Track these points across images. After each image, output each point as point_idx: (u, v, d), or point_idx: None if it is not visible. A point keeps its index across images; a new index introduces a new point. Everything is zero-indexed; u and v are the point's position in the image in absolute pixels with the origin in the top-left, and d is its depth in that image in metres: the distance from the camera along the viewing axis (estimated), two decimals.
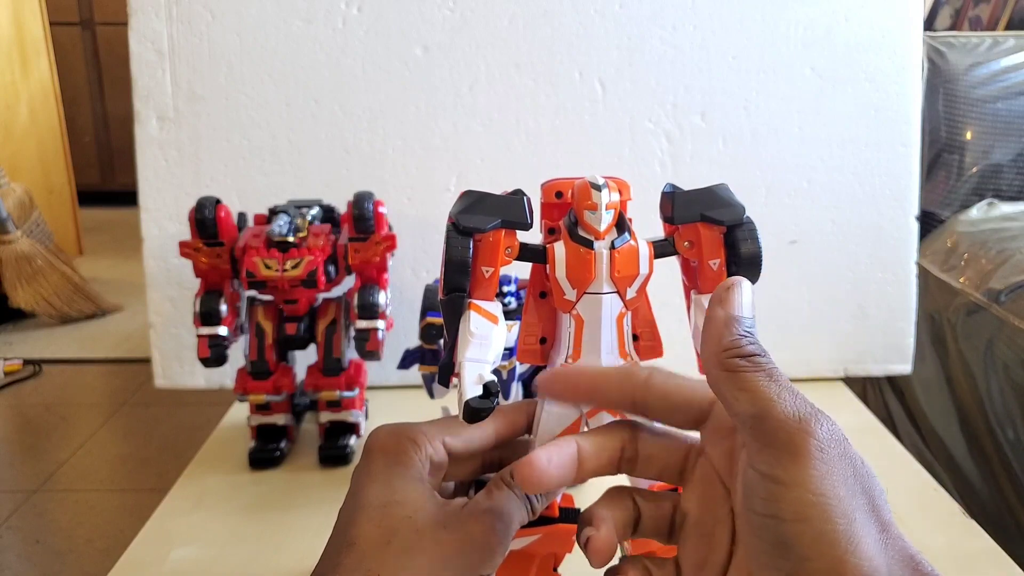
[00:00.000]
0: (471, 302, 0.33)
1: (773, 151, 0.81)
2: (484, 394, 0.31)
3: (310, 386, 0.67)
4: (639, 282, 0.33)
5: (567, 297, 0.33)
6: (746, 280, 0.30)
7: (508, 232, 0.33)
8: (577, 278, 0.33)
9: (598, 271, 0.33)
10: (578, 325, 0.34)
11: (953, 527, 0.59)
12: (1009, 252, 0.97)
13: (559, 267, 0.33)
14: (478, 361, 0.32)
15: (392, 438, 0.33)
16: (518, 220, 0.33)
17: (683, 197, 0.34)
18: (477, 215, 0.33)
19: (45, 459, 1.43)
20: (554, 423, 0.34)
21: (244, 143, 0.79)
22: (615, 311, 0.34)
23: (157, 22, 0.77)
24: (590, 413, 0.34)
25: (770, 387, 0.27)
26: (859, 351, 0.84)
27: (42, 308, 2.02)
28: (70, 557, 1.17)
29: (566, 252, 0.33)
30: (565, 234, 0.33)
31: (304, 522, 0.60)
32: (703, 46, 0.79)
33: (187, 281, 0.77)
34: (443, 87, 0.79)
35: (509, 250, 0.33)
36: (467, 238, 0.32)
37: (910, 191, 0.82)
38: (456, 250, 0.32)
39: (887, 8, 0.80)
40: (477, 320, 0.33)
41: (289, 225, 0.64)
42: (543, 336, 0.36)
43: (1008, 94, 1.16)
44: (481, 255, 0.33)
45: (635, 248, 0.33)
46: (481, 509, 0.32)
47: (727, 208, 0.34)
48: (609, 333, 0.34)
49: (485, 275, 0.33)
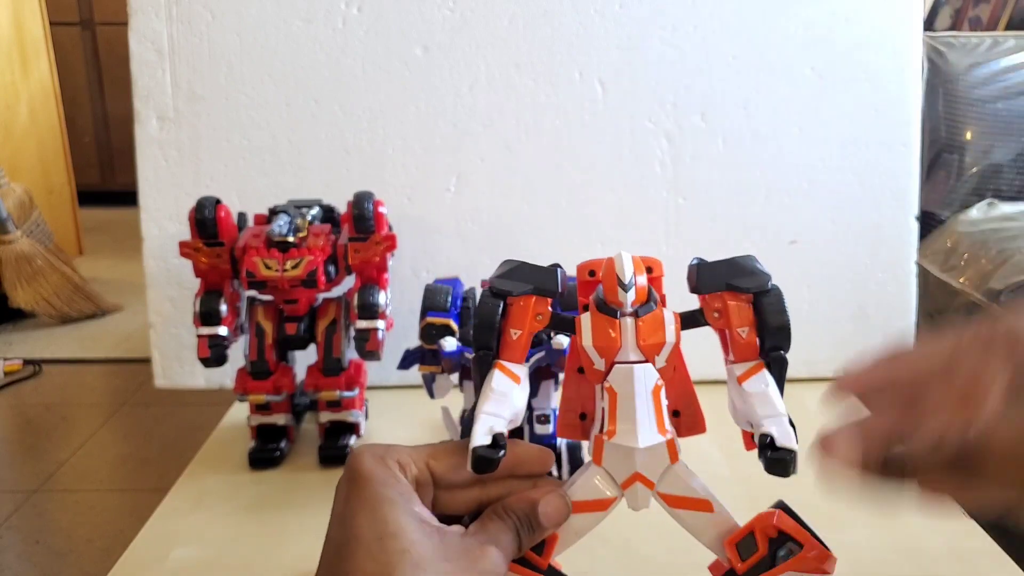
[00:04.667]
0: (498, 362, 0.35)
1: (773, 151, 0.81)
2: (492, 444, 0.32)
3: (310, 386, 0.67)
4: (666, 351, 0.34)
5: (596, 367, 0.34)
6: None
7: (539, 299, 0.35)
8: (603, 346, 0.34)
9: (624, 338, 0.34)
10: (611, 399, 0.34)
11: (953, 527, 0.59)
12: (1009, 252, 0.97)
13: (586, 336, 0.34)
14: (493, 415, 0.34)
15: (378, 462, 0.33)
16: (548, 288, 0.35)
17: (708, 268, 0.36)
18: (511, 280, 0.35)
19: (45, 459, 1.43)
20: (591, 489, 0.35)
21: (244, 143, 0.79)
22: (650, 384, 0.34)
23: (157, 22, 0.77)
24: (625, 484, 0.35)
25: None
26: (859, 351, 0.84)
27: (42, 308, 2.02)
28: (70, 557, 1.17)
29: (592, 321, 0.34)
30: (593, 306, 0.35)
31: (304, 522, 0.60)
32: (703, 46, 0.79)
33: (187, 281, 0.77)
34: (443, 87, 0.79)
35: (540, 316, 0.35)
36: (498, 300, 0.35)
37: (910, 191, 0.82)
38: (486, 311, 0.35)
39: (887, 8, 0.80)
40: (500, 379, 0.35)
41: (289, 225, 0.64)
42: (582, 412, 0.37)
43: (1008, 94, 1.16)
44: (512, 318, 0.35)
45: (660, 316, 0.34)
46: (480, 541, 0.32)
47: (751, 276, 0.35)
48: (645, 406, 0.34)
49: (513, 336, 0.35)
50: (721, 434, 0.37)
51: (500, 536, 0.33)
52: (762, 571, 0.34)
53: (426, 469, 0.34)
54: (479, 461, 0.32)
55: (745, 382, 0.34)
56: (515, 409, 0.34)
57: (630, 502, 0.35)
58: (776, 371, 0.35)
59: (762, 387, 0.34)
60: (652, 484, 0.35)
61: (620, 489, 0.35)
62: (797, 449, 0.32)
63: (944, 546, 0.57)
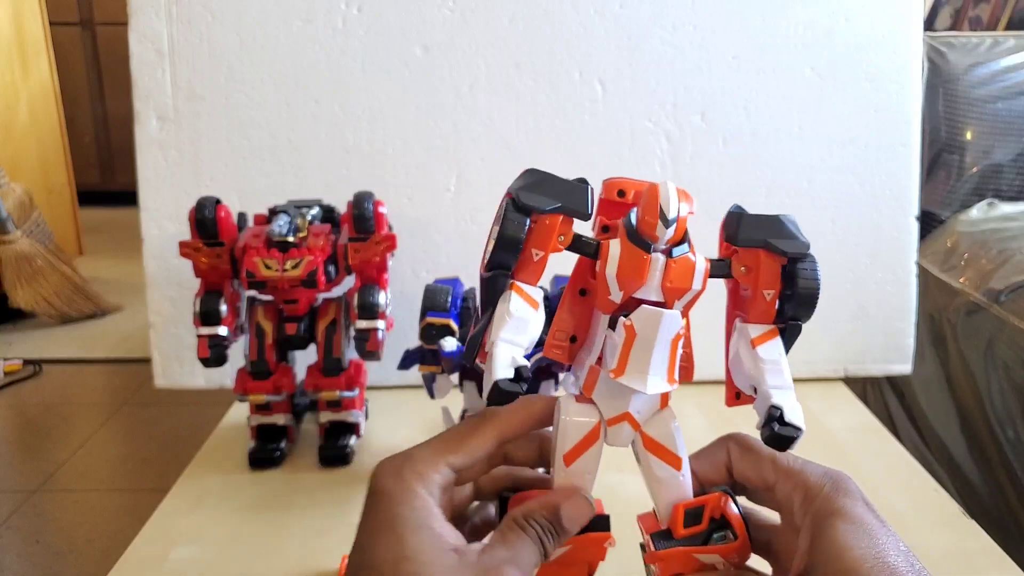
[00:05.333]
0: (514, 283, 0.32)
1: (773, 151, 0.81)
2: (515, 378, 0.30)
3: (310, 386, 0.67)
4: (689, 296, 0.32)
5: (611, 297, 0.32)
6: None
7: (565, 219, 0.32)
8: (627, 279, 0.31)
9: (651, 276, 0.31)
10: (629, 337, 0.31)
11: (953, 527, 0.59)
12: (1009, 252, 0.97)
13: (611, 264, 0.31)
14: (513, 343, 0.31)
15: (396, 480, 0.32)
16: (579, 208, 0.32)
17: (751, 220, 0.33)
18: (539, 195, 0.31)
19: (45, 459, 1.43)
20: (574, 430, 0.34)
21: (244, 143, 0.79)
22: (672, 331, 0.32)
23: (157, 22, 0.77)
24: (611, 421, 0.33)
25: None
26: (859, 351, 0.84)
27: (42, 308, 2.01)
28: (70, 557, 1.17)
29: (621, 251, 0.31)
30: (623, 233, 0.32)
31: (304, 522, 0.60)
32: (703, 46, 0.79)
33: (187, 281, 0.77)
34: (443, 87, 0.79)
35: (562, 237, 0.32)
36: (524, 216, 0.31)
37: (910, 191, 0.82)
38: (511, 226, 0.31)
39: (887, 8, 0.80)
40: (518, 302, 0.32)
41: (289, 225, 0.64)
42: (574, 335, 0.35)
43: (1008, 94, 1.16)
44: (535, 237, 0.32)
45: (692, 262, 0.32)
46: (498, 560, 0.31)
47: (791, 240, 0.33)
48: (663, 353, 0.32)
49: (534, 257, 0.32)
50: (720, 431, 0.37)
51: (521, 552, 0.32)
52: (693, 544, 0.34)
53: (447, 470, 0.33)
54: (502, 396, 0.30)
55: (760, 347, 0.33)
56: (531, 337, 0.32)
57: (611, 438, 0.34)
58: (788, 339, 0.34)
59: (776, 355, 0.33)
60: (638, 425, 0.34)
61: (602, 416, 0.34)
62: (804, 428, 0.31)
63: (944, 546, 0.57)
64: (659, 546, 0.34)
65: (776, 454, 0.34)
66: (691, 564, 0.34)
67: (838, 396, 0.82)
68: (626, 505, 0.37)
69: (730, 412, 0.35)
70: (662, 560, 0.34)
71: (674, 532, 0.34)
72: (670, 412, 0.34)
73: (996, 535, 0.58)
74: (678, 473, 0.34)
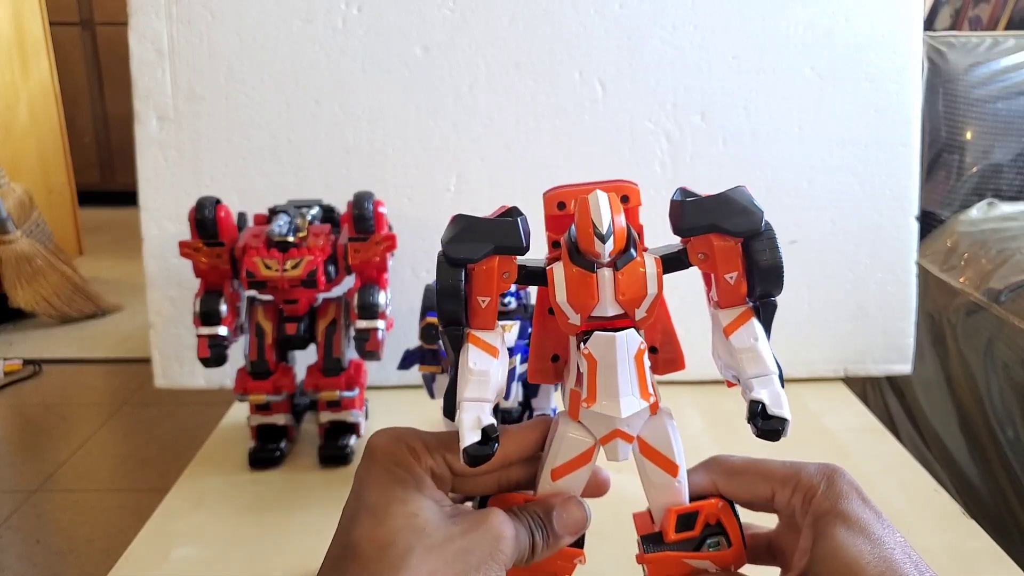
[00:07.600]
0: (470, 333, 0.32)
1: (773, 151, 0.81)
2: (483, 439, 0.30)
3: (310, 386, 0.67)
4: (648, 302, 0.31)
5: (571, 322, 0.31)
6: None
7: (503, 257, 0.31)
8: (578, 302, 0.30)
9: (602, 293, 0.30)
10: (591, 365, 0.31)
11: (953, 527, 0.59)
12: (1009, 252, 0.97)
13: (559, 290, 0.31)
14: (477, 400, 0.31)
15: (393, 443, 0.33)
16: (512, 244, 0.31)
17: (693, 205, 0.31)
18: (468, 243, 0.30)
19: (45, 459, 1.43)
20: (568, 447, 0.33)
21: (244, 143, 0.79)
22: (632, 349, 0.31)
23: (157, 22, 0.77)
24: (604, 439, 0.33)
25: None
26: (859, 351, 0.84)
27: (42, 308, 2.02)
28: (70, 557, 1.17)
29: (566, 275, 0.30)
30: (565, 254, 0.31)
31: (304, 522, 0.60)
32: (703, 46, 0.79)
33: (187, 281, 0.77)
34: (443, 87, 0.79)
35: (506, 274, 0.31)
36: (458, 269, 0.31)
37: (910, 191, 0.82)
38: (447, 282, 0.30)
39: (887, 8, 0.80)
40: (476, 355, 0.31)
41: (289, 225, 0.64)
42: (555, 354, 0.34)
43: (1008, 94, 1.16)
44: (477, 285, 0.31)
45: (641, 270, 0.30)
46: (490, 509, 0.32)
47: (743, 216, 0.31)
48: (628, 374, 0.31)
49: (482, 304, 0.31)
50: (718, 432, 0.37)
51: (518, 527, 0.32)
52: (686, 550, 0.34)
53: (443, 463, 0.33)
54: (474, 460, 0.30)
55: (732, 335, 0.32)
56: (498, 386, 0.31)
57: (610, 455, 0.33)
58: (765, 317, 0.32)
59: (751, 341, 0.31)
60: (631, 438, 0.33)
61: (595, 437, 0.33)
62: (789, 417, 0.30)
63: (944, 546, 0.57)
64: (648, 550, 0.34)
65: (767, 466, 0.34)
66: (681, 569, 0.34)
67: (838, 396, 0.81)
68: (622, 503, 0.37)
69: (730, 412, 0.35)
70: (651, 563, 0.34)
71: (665, 536, 0.34)
72: (666, 415, 0.34)
73: (996, 535, 0.58)
74: (674, 480, 0.34)
